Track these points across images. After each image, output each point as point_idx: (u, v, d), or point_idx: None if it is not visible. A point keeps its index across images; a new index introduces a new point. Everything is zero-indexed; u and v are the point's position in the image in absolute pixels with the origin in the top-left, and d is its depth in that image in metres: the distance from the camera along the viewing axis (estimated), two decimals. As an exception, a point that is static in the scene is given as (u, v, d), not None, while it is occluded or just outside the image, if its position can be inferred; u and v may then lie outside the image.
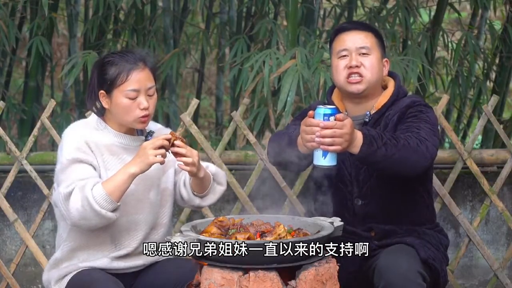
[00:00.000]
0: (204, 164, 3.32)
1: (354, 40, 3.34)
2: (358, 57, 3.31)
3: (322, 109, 3.01)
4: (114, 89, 3.13)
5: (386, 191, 3.31)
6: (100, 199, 3.01)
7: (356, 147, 3.05)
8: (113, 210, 3.05)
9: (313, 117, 3.01)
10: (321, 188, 3.37)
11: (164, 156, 3.07)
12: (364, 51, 3.33)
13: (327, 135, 2.97)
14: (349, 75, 3.32)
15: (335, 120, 2.98)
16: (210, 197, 3.35)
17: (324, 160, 3.03)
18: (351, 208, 3.36)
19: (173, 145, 3.09)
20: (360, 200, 3.35)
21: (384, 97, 3.37)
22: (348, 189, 3.36)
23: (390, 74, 3.45)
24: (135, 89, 3.13)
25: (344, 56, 3.34)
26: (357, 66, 3.31)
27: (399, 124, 3.29)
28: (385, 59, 3.41)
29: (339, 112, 3.10)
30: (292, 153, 3.21)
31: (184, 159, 3.10)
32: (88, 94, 3.24)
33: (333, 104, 3.35)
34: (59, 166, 3.14)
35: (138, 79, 3.13)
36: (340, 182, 3.36)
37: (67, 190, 3.04)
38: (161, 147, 3.06)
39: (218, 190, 3.36)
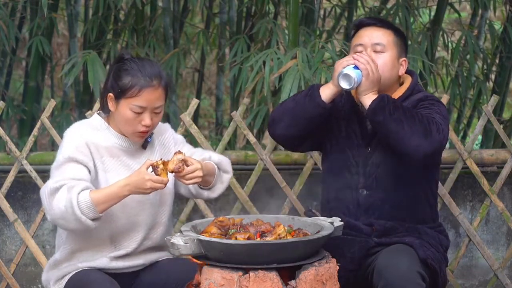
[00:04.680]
0: (207, 154, 3.32)
1: (371, 35, 3.36)
2: (372, 53, 3.32)
3: None
4: (122, 99, 3.12)
5: (391, 183, 3.33)
6: (83, 205, 2.99)
7: (370, 99, 3.21)
8: (94, 219, 3.02)
9: None
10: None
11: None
12: (379, 48, 3.34)
13: (364, 57, 3.25)
14: None
15: None
16: (218, 187, 3.33)
17: (353, 70, 3.24)
18: (356, 198, 3.37)
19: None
20: (365, 190, 3.35)
21: (399, 91, 3.38)
22: (354, 178, 3.37)
23: (408, 71, 3.46)
24: (142, 106, 3.11)
25: (360, 51, 3.35)
26: None
27: None
28: (403, 58, 3.41)
29: None
30: (306, 109, 3.30)
31: (191, 180, 3.10)
32: (103, 89, 3.24)
33: (350, 96, 3.43)
34: (55, 163, 3.13)
35: (148, 98, 3.10)
36: (347, 171, 3.38)
37: (54, 186, 3.03)
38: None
39: (225, 179, 3.35)
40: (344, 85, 3.24)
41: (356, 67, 3.24)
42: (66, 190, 3.00)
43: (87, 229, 3.04)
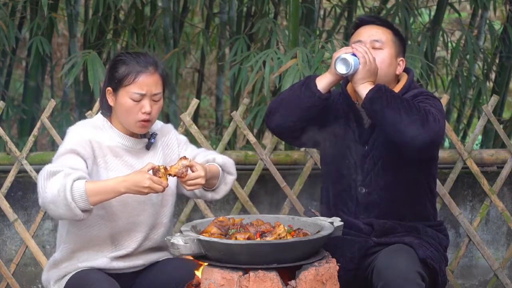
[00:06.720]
0: (211, 156, 3.32)
1: (370, 32, 3.39)
2: (370, 50, 3.32)
3: None
4: (121, 88, 3.13)
5: (389, 181, 3.34)
6: (76, 193, 2.96)
7: (367, 89, 3.20)
8: (84, 211, 2.99)
9: None
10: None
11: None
12: (377, 44, 3.36)
13: (362, 47, 3.27)
14: None
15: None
16: (221, 188, 3.35)
17: (351, 56, 3.25)
18: (355, 196, 3.37)
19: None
20: (364, 188, 3.36)
21: (395, 89, 3.38)
22: (352, 177, 3.38)
23: (405, 70, 3.47)
24: (141, 92, 3.12)
25: None
26: None
27: None
28: (401, 58, 3.42)
29: None
30: (301, 99, 3.30)
31: (193, 186, 3.13)
32: (102, 88, 3.25)
33: (347, 95, 3.43)
34: (55, 155, 3.14)
35: (146, 83, 3.13)
36: (345, 169, 3.38)
37: (52, 169, 3.02)
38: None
39: (229, 180, 3.36)
40: (341, 69, 3.24)
41: (354, 55, 3.25)
42: (63, 176, 2.98)
43: (75, 218, 2.99)
